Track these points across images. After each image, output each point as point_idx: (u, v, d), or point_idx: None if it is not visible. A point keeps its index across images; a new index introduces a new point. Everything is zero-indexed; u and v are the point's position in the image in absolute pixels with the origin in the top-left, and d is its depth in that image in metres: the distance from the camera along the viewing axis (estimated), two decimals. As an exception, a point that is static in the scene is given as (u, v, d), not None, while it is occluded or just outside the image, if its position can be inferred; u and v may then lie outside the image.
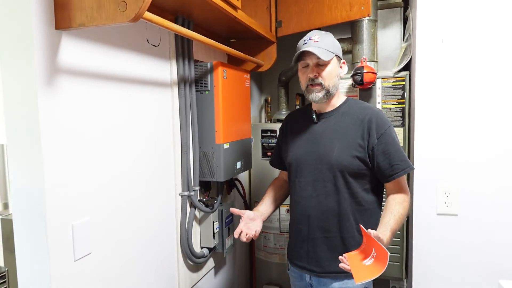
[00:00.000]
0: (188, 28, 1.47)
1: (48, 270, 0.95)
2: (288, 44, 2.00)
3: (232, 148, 1.68)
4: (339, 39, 1.98)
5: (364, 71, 1.73)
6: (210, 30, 1.76)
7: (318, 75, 1.26)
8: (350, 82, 1.86)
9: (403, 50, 1.83)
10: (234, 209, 1.35)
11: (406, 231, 1.84)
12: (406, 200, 1.27)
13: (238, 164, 1.76)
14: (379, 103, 1.83)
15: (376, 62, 1.92)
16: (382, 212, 1.27)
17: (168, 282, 1.51)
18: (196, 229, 1.68)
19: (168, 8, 1.37)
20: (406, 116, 1.79)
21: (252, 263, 2.44)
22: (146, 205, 1.35)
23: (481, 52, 1.48)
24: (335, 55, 1.28)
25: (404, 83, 1.79)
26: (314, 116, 1.35)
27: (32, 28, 0.89)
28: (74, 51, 1.01)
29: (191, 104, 1.56)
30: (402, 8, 1.95)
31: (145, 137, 1.34)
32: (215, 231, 1.74)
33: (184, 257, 1.59)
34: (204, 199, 1.69)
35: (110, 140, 1.16)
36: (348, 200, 1.28)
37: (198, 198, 1.63)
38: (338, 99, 1.35)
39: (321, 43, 1.25)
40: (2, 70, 0.94)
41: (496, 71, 1.47)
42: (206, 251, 1.72)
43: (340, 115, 1.33)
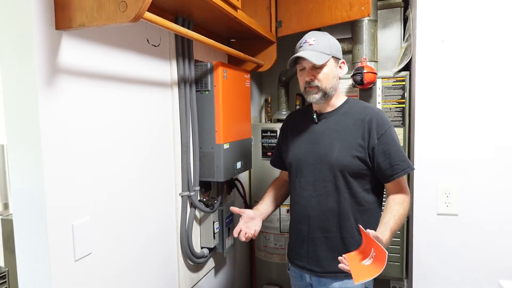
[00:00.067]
0: (188, 28, 1.47)
1: (48, 270, 0.95)
2: (288, 44, 1.99)
3: (232, 148, 1.68)
4: (339, 39, 1.98)
5: (364, 71, 1.73)
6: (210, 30, 1.76)
7: (314, 78, 1.27)
8: (350, 82, 1.86)
9: (403, 50, 1.83)
10: (234, 208, 1.35)
11: (406, 231, 1.84)
12: (406, 200, 1.27)
13: (238, 164, 1.76)
14: (379, 103, 1.83)
15: (376, 62, 1.92)
16: (382, 212, 1.27)
17: (168, 282, 1.51)
18: (196, 229, 1.68)
19: (168, 8, 1.37)
20: (406, 116, 1.79)
21: (252, 263, 2.44)
22: (146, 205, 1.35)
23: (481, 52, 1.48)
24: (332, 56, 1.27)
25: (404, 83, 1.79)
26: (314, 116, 1.35)
27: (32, 28, 0.89)
28: (74, 51, 1.01)
29: (191, 104, 1.56)
30: (402, 8, 1.95)
31: (145, 137, 1.34)
32: (215, 231, 1.74)
33: (184, 257, 1.59)
34: (204, 199, 1.69)
35: (110, 140, 1.16)
36: (348, 200, 1.28)
37: (198, 198, 1.63)
38: (338, 99, 1.35)
39: (316, 46, 1.26)
40: (2, 70, 0.94)
41: (496, 71, 1.47)
42: (206, 251, 1.72)
43: (340, 115, 1.33)
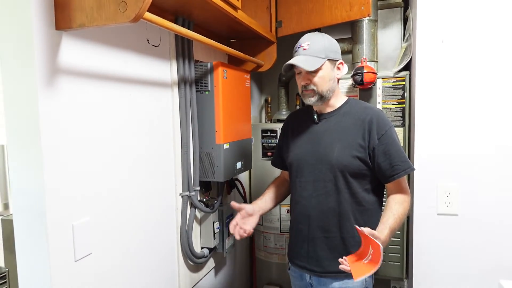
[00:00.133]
0: (188, 28, 1.47)
1: (48, 271, 0.95)
2: (288, 44, 1.99)
3: (232, 148, 1.68)
4: (339, 39, 1.99)
5: (364, 71, 1.73)
6: (210, 30, 1.76)
7: (310, 81, 1.27)
8: (350, 82, 1.86)
9: (403, 50, 1.83)
10: (235, 203, 1.37)
11: (406, 231, 1.84)
12: (406, 200, 1.27)
13: (239, 164, 1.76)
14: (379, 103, 1.83)
15: (376, 62, 1.92)
16: (382, 213, 1.27)
17: (168, 282, 1.51)
18: (196, 229, 1.68)
19: (168, 8, 1.37)
20: (406, 116, 1.79)
21: (252, 263, 2.44)
22: (146, 205, 1.35)
23: (481, 52, 1.48)
24: (327, 59, 1.27)
25: (404, 83, 1.79)
26: (315, 116, 1.36)
27: (32, 28, 0.89)
28: (74, 52, 1.01)
29: (191, 104, 1.56)
30: (402, 8, 1.95)
31: (145, 137, 1.34)
32: (216, 231, 1.74)
33: (185, 257, 1.59)
34: (204, 199, 1.69)
35: (110, 140, 1.16)
36: (348, 200, 1.28)
37: (199, 198, 1.63)
38: (338, 100, 1.35)
39: (310, 50, 1.26)
40: (3, 70, 0.94)
41: (496, 71, 1.46)
42: (206, 251, 1.72)
43: (341, 115, 1.33)
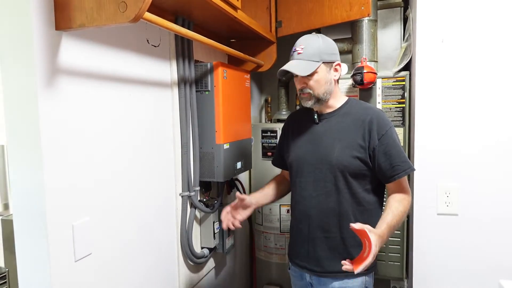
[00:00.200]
0: (188, 28, 1.47)
1: (48, 271, 0.95)
2: (288, 44, 1.98)
3: (232, 148, 1.68)
4: (339, 39, 2.00)
5: (364, 71, 1.73)
6: (210, 30, 1.76)
7: (306, 85, 1.28)
8: (350, 82, 1.86)
9: (403, 50, 1.83)
10: (239, 194, 1.38)
11: (406, 231, 1.84)
12: (406, 199, 1.27)
13: (239, 164, 1.76)
14: (379, 103, 1.83)
15: (376, 62, 1.92)
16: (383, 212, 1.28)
17: (168, 282, 1.51)
18: (196, 229, 1.68)
19: (168, 9, 1.37)
20: (406, 116, 1.79)
21: (252, 263, 2.44)
22: (146, 205, 1.35)
23: (481, 52, 1.48)
24: (322, 62, 1.26)
25: (404, 83, 1.79)
26: (315, 117, 1.36)
27: (32, 28, 0.89)
28: (74, 52, 1.01)
29: (191, 104, 1.56)
30: (402, 8, 1.95)
31: (145, 137, 1.34)
32: (216, 231, 1.74)
33: (185, 257, 1.59)
34: (204, 199, 1.69)
35: (110, 140, 1.16)
36: (348, 200, 1.28)
37: (199, 198, 1.63)
38: (338, 100, 1.35)
39: (304, 54, 1.26)
40: (2, 70, 0.94)
41: (496, 71, 1.46)
42: (206, 251, 1.72)
43: (341, 116, 1.33)
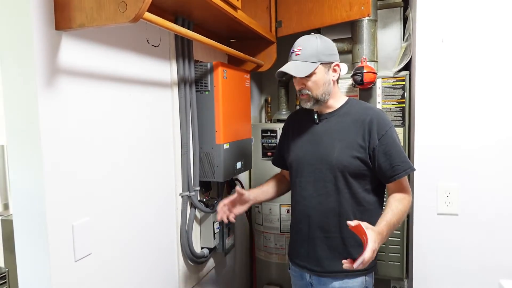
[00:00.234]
0: (188, 28, 1.47)
1: (48, 271, 0.95)
2: (288, 44, 1.98)
3: (232, 148, 1.68)
4: (339, 39, 2.00)
5: (364, 71, 1.73)
6: (210, 30, 1.76)
7: (304, 86, 1.28)
8: (350, 82, 1.86)
9: (403, 50, 1.83)
10: (239, 188, 1.38)
11: (406, 231, 1.84)
12: (406, 198, 1.27)
13: (238, 164, 1.76)
14: (379, 103, 1.83)
15: (376, 62, 1.92)
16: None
17: (168, 282, 1.51)
18: (196, 229, 1.68)
19: (168, 8, 1.37)
20: (406, 116, 1.79)
21: (252, 263, 2.44)
22: (146, 205, 1.35)
23: (481, 52, 1.48)
24: (320, 63, 1.26)
25: (404, 83, 1.79)
26: (315, 117, 1.36)
27: (32, 28, 0.88)
28: (74, 52, 1.01)
29: (191, 104, 1.56)
30: (402, 8, 1.95)
31: (145, 137, 1.34)
32: (216, 231, 1.74)
33: (185, 257, 1.59)
34: (204, 199, 1.69)
35: (110, 140, 1.16)
36: (348, 200, 1.28)
37: (199, 198, 1.63)
38: (338, 101, 1.35)
39: (301, 55, 1.26)
40: (2, 70, 0.94)
41: (496, 70, 1.46)
42: (206, 251, 1.72)
43: (341, 116, 1.33)
